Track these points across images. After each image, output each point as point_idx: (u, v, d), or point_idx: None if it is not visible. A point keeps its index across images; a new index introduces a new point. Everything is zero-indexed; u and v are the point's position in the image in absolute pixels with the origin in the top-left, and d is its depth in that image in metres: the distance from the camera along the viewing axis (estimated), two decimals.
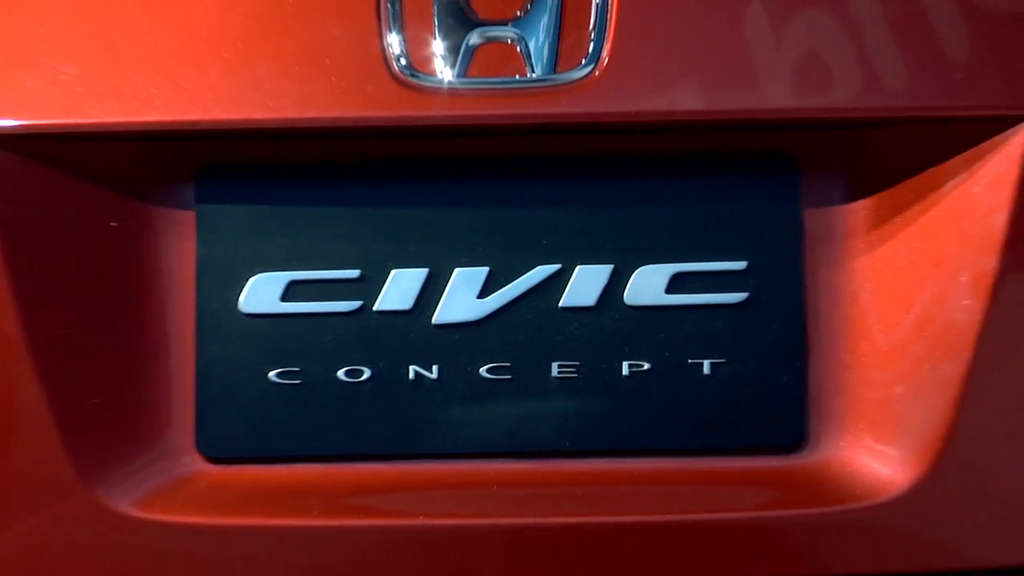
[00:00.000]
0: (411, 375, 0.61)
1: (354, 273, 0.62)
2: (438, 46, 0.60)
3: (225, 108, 0.59)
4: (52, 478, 0.60)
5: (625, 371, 0.61)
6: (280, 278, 0.62)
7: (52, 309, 0.60)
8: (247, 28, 0.60)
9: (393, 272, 0.62)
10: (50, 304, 0.60)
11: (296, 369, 0.61)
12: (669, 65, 0.59)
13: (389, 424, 0.62)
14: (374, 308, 0.62)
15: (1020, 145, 0.58)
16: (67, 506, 0.61)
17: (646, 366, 0.61)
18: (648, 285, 0.61)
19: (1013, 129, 0.58)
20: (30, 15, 0.61)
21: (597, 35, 0.59)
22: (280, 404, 0.62)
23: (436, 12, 0.60)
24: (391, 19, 0.60)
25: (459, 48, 0.59)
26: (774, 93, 0.59)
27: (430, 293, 0.62)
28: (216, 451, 0.61)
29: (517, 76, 0.59)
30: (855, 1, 0.59)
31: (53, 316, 0.60)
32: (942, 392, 0.59)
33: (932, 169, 0.61)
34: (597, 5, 0.59)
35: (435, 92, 0.59)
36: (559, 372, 0.61)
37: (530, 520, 0.61)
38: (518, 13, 0.60)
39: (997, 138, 0.59)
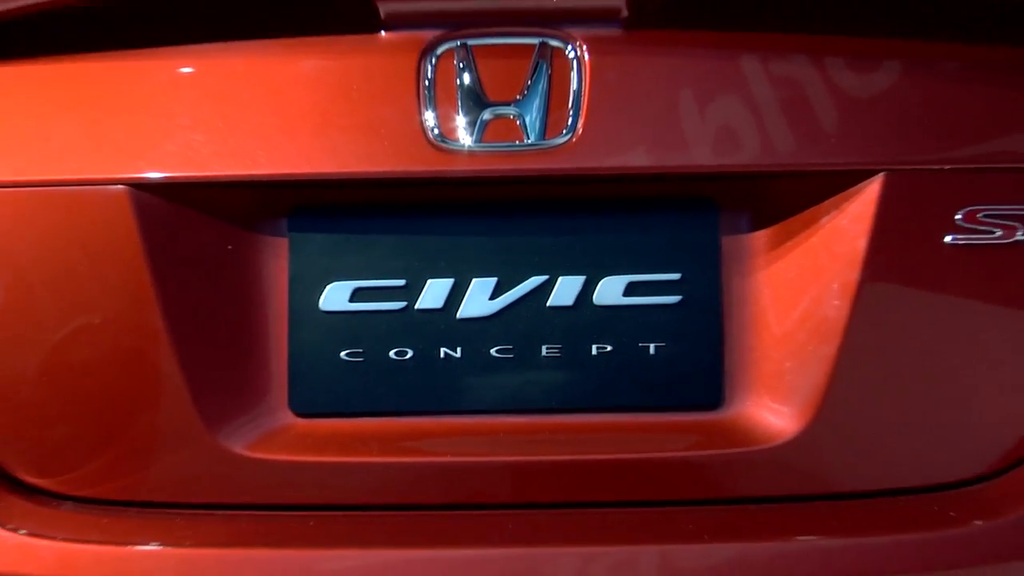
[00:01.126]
0: (441, 355, 0.83)
1: (401, 282, 0.84)
2: (460, 120, 0.81)
3: (309, 165, 0.81)
4: (187, 429, 0.82)
5: (594, 352, 0.83)
6: (348, 286, 0.84)
7: (186, 309, 0.82)
8: (326, 107, 0.82)
9: (429, 281, 0.83)
10: (185, 305, 0.82)
11: (359, 351, 0.84)
12: (625, 134, 0.81)
13: (425, 390, 0.84)
14: (415, 307, 0.83)
15: (874, 191, 0.80)
16: (197, 449, 0.83)
17: (609, 348, 0.83)
18: (610, 290, 0.83)
19: (869, 179, 0.81)
20: (172, 100, 0.83)
21: (574, 113, 0.81)
22: (348, 376, 0.84)
23: (459, 96, 0.81)
24: (427, 102, 0.82)
25: (476, 122, 0.81)
26: (699, 155, 0.81)
27: (455, 296, 0.83)
28: (303, 409, 0.84)
29: (517, 142, 0.81)
30: (755, 91, 0.81)
31: (187, 314, 0.82)
32: (819, 366, 0.81)
33: (812, 208, 0.82)
34: (574, 92, 0.81)
35: (458, 153, 0.81)
36: (547, 352, 0.83)
37: (525, 458, 0.83)
38: (518, 97, 0.82)
39: (859, 185, 0.81)
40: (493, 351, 0.83)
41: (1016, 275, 0.81)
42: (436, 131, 0.81)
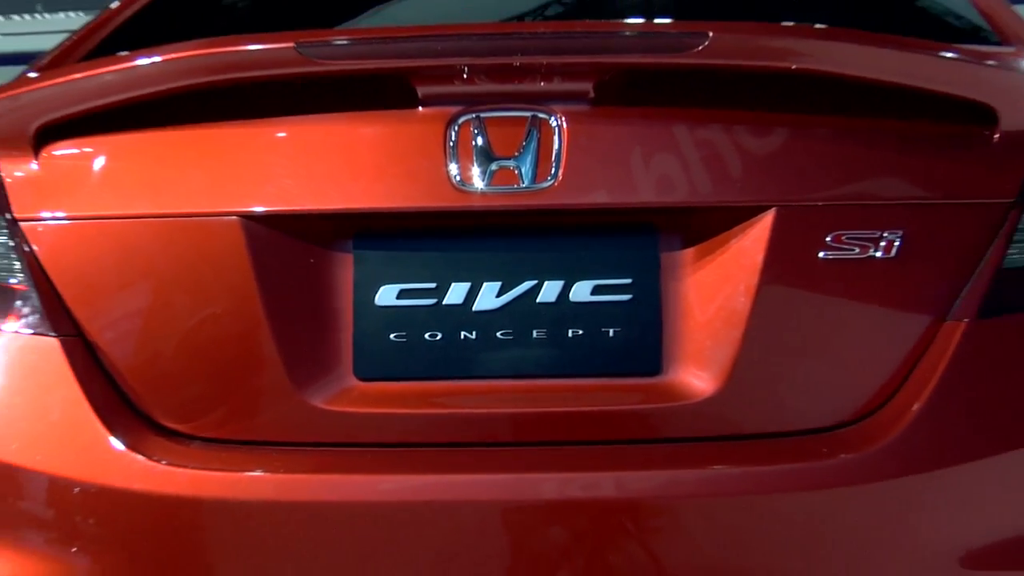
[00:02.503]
0: (461, 337, 1.13)
1: (432, 285, 1.13)
2: (475, 170, 1.12)
3: (368, 202, 1.13)
4: (281, 390, 1.12)
5: (569, 334, 1.13)
6: (396, 287, 1.14)
7: (280, 304, 1.13)
8: (380, 160, 1.13)
9: (452, 284, 1.13)
10: (279, 301, 1.13)
11: (403, 334, 1.14)
12: (591, 180, 1.11)
13: (450, 361, 1.13)
14: (443, 303, 1.13)
15: (769, 220, 1.10)
16: (289, 404, 1.12)
17: (580, 332, 1.13)
18: (581, 291, 1.13)
19: (765, 212, 1.10)
20: (271, 156, 1.15)
21: (555, 165, 1.11)
22: (395, 352, 1.14)
23: (474, 153, 1.12)
24: (451, 157, 1.12)
25: (486, 171, 1.12)
26: (644, 194, 1.11)
27: (471, 295, 1.13)
28: (363, 375, 1.13)
29: (515, 185, 1.11)
30: (683, 148, 1.11)
31: (281, 308, 1.13)
32: (729, 345, 1.10)
33: (725, 232, 1.12)
34: (555, 150, 1.12)
35: (473, 194, 1.12)
36: (536, 335, 1.13)
37: (521, 410, 1.13)
38: (515, 153, 1.12)
39: (757, 216, 1.11)
40: (498, 334, 1.14)
41: (868, 280, 1.12)
42: (458, 178, 1.12)
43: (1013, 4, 1.66)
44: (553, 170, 1.12)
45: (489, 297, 1.14)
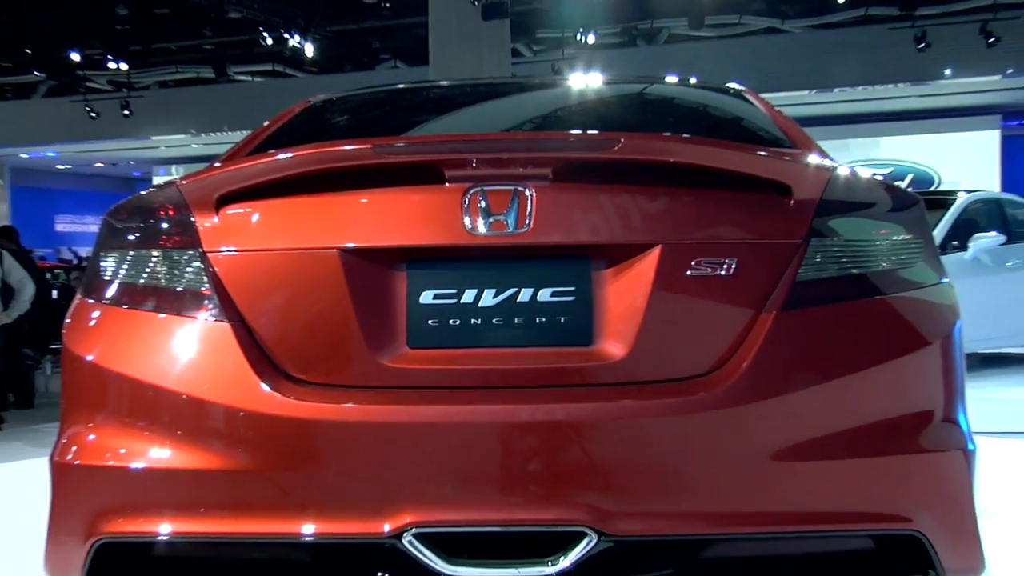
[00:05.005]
0: (471, 322, 1.74)
1: (454, 291, 1.73)
2: (479, 222, 1.74)
3: (416, 240, 1.76)
4: (362, 355, 1.70)
5: (537, 321, 1.72)
6: (432, 292, 1.73)
7: (362, 302, 1.75)
8: (422, 216, 1.78)
9: (466, 290, 1.72)
10: (361, 301, 1.75)
11: (437, 320, 1.74)
12: (550, 228, 1.73)
13: (465, 336, 1.73)
14: (460, 301, 1.74)
15: (657, 251, 1.72)
16: (367, 362, 1.71)
17: (544, 319, 1.72)
18: (544, 294, 1.72)
19: (654, 247, 1.73)
20: (352, 212, 1.82)
21: (528, 219, 1.73)
22: (432, 331, 1.73)
23: (480, 211, 1.76)
24: (465, 213, 1.75)
25: (486, 222, 1.74)
26: (582, 236, 1.73)
27: (477, 297, 1.73)
28: (413, 345, 1.73)
29: (504, 230, 1.72)
30: (605, 208, 1.75)
31: (362, 305, 1.74)
32: (633, 327, 1.71)
33: (630, 259, 1.72)
34: (528, 210, 1.77)
35: (479, 236, 1.73)
36: (517, 321, 1.72)
37: (510, 366, 1.71)
38: (504, 211, 1.79)
39: (650, 249, 1.73)
40: (494, 320, 1.73)
41: (716, 288, 1.72)
42: (469, 226, 1.76)
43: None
44: (527, 221, 1.72)
45: (488, 298, 1.72)
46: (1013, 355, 8.05)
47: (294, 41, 16.28)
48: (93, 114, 20.00)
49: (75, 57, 18.40)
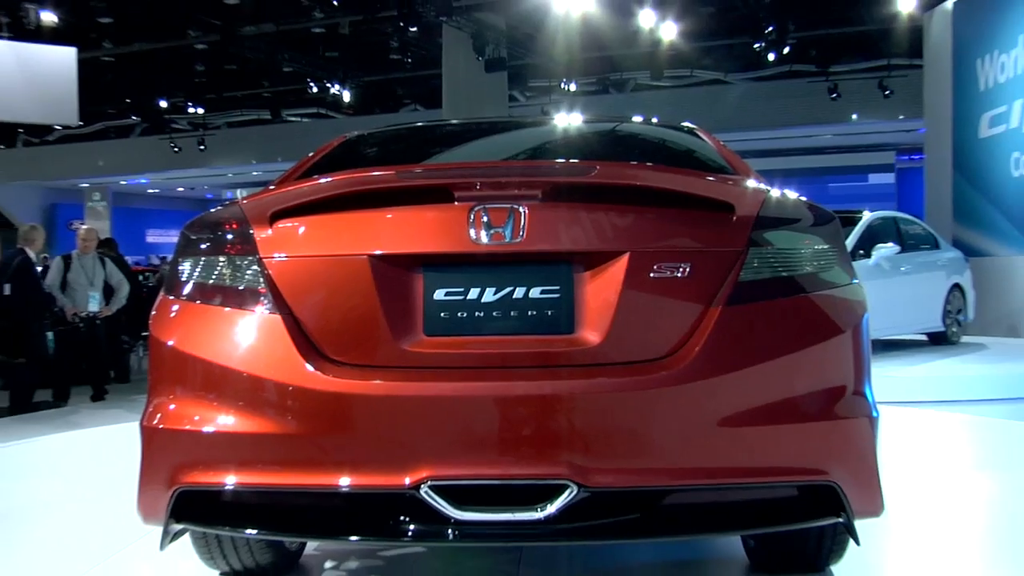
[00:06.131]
0: (475, 314, 1.72)
1: (461, 289, 1.71)
2: (482, 234, 1.72)
3: (432, 247, 1.74)
4: (386, 340, 1.68)
5: (529, 314, 1.70)
6: (444, 290, 1.71)
7: (387, 298, 1.71)
8: (435, 231, 1.76)
9: (471, 289, 1.71)
10: (387, 297, 1.71)
11: (448, 313, 1.72)
12: (540, 238, 1.71)
13: (471, 325, 1.71)
14: (467, 297, 1.72)
15: (626, 257, 1.69)
16: (391, 347, 1.69)
17: (534, 312, 1.70)
18: (535, 292, 1.71)
19: (624, 253, 1.71)
20: (379, 226, 1.80)
21: (522, 231, 1.71)
22: (444, 321, 1.72)
23: (482, 225, 1.74)
24: (471, 226, 1.73)
25: (488, 233, 1.73)
26: (565, 244, 1.72)
27: (480, 294, 1.71)
28: (429, 333, 1.71)
29: (502, 241, 1.74)
30: (585, 223, 1.73)
31: (388, 300, 1.72)
32: (607, 318, 1.71)
33: (605, 263, 1.70)
34: (522, 224, 1.75)
35: (481, 244, 1.72)
36: (512, 314, 1.70)
37: (507, 350, 1.66)
38: (503, 224, 1.71)
39: (621, 256, 1.71)
40: (494, 313, 1.71)
41: (674, 287, 1.69)
42: (474, 236, 1.73)
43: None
44: (521, 233, 1.70)
45: (489, 295, 1.70)
46: (907, 340, 8.11)
47: (334, 89, 16.71)
48: (176, 149, 20.96)
49: (163, 104, 19.21)
